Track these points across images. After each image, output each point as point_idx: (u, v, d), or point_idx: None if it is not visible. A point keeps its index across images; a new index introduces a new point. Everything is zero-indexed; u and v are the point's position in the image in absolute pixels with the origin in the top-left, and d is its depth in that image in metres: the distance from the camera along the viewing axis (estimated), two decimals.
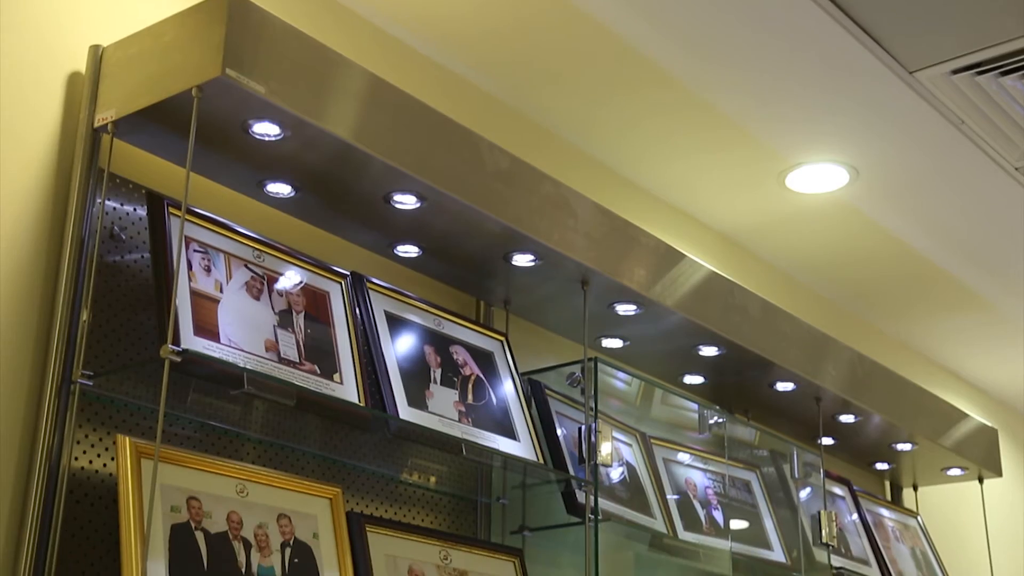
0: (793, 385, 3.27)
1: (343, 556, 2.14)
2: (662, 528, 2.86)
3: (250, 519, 2.03)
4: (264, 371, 2.05)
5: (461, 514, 2.61)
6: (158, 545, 1.86)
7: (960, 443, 3.86)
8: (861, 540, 3.55)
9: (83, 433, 1.97)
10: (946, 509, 4.34)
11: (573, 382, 2.76)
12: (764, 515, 3.23)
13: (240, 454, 2.20)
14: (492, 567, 2.43)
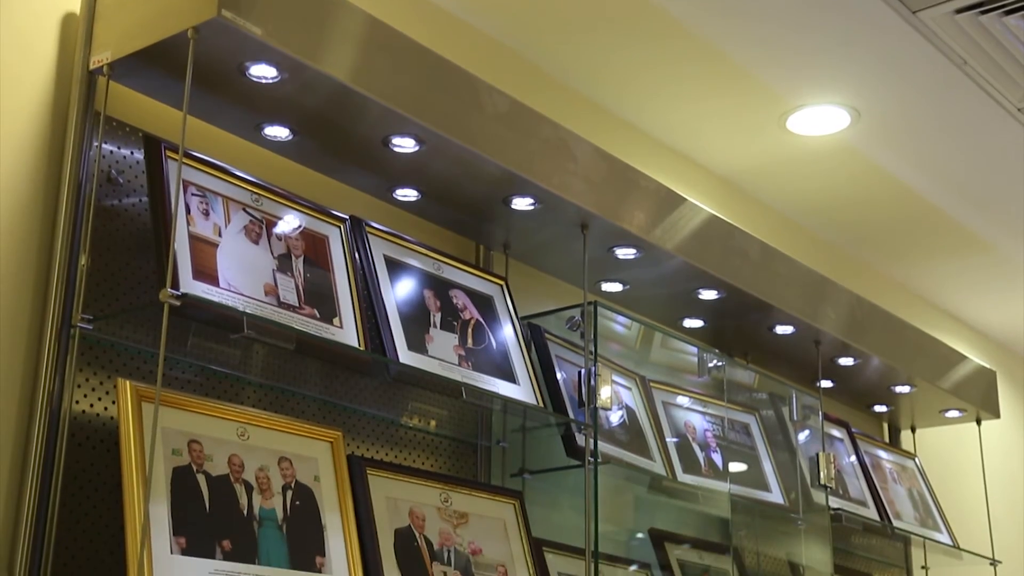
0: (792, 328, 3.28)
1: (344, 499, 2.16)
2: (661, 471, 2.88)
3: (251, 462, 2.04)
4: (264, 315, 2.05)
5: (461, 457, 2.62)
6: (160, 488, 1.87)
7: (958, 385, 3.87)
8: (859, 482, 3.57)
9: (84, 377, 1.98)
10: (944, 451, 4.37)
11: (573, 326, 2.76)
12: (763, 457, 3.25)
13: (241, 398, 2.21)
14: (492, 509, 2.45)
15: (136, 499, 1.80)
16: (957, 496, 4.26)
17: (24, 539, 1.81)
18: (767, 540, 3.27)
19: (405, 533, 2.25)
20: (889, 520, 3.57)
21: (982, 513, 4.01)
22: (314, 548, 2.05)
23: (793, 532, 3.22)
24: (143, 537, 1.75)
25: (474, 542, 2.36)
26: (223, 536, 1.92)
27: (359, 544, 2.13)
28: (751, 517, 3.17)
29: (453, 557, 2.30)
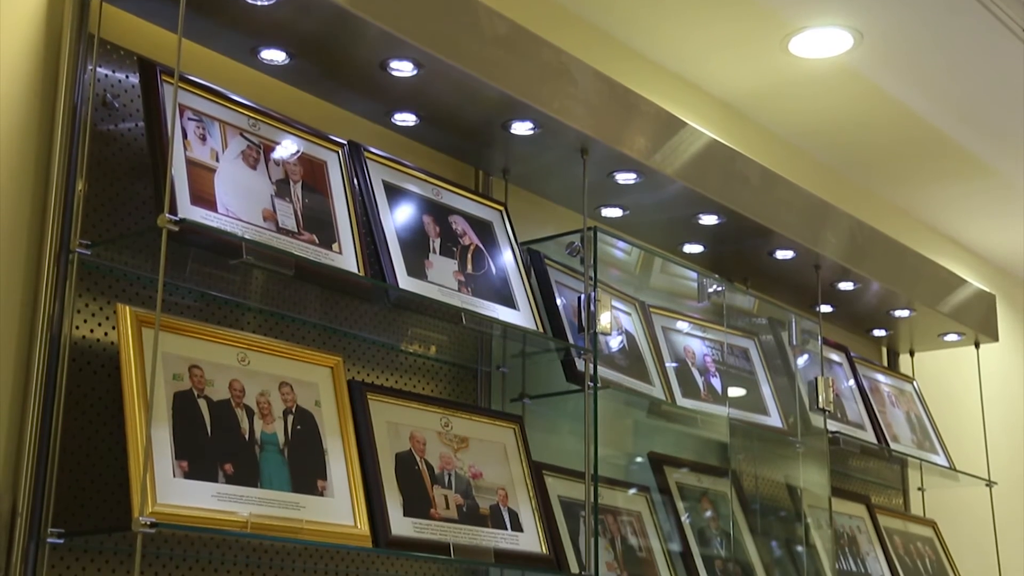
0: (792, 253, 3.27)
1: (345, 423, 2.17)
2: (660, 395, 2.89)
3: (252, 387, 2.05)
4: (262, 241, 2.05)
5: (461, 383, 2.63)
6: (161, 412, 1.88)
7: (958, 309, 3.88)
8: (857, 405, 3.59)
9: (83, 302, 1.98)
10: (942, 375, 4.39)
11: (572, 251, 2.75)
12: (762, 382, 3.26)
13: (240, 323, 2.21)
14: (492, 433, 2.47)
15: (138, 423, 1.80)
16: (954, 419, 4.29)
17: (28, 464, 1.82)
18: (765, 463, 3.29)
19: (406, 457, 2.26)
20: (886, 443, 3.60)
21: (979, 436, 4.04)
22: (315, 472, 2.07)
23: (791, 455, 3.24)
24: (146, 461, 1.76)
25: (474, 466, 2.38)
26: (225, 460, 1.94)
27: (360, 468, 2.14)
28: (749, 441, 3.20)
29: (454, 481, 2.32)
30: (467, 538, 2.26)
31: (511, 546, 2.33)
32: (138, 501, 1.72)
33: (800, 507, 3.23)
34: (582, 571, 2.46)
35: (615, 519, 2.78)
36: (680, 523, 2.94)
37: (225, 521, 1.87)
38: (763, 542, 3.16)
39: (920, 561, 3.67)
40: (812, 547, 3.18)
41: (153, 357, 1.81)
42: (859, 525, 3.51)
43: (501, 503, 2.38)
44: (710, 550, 2.97)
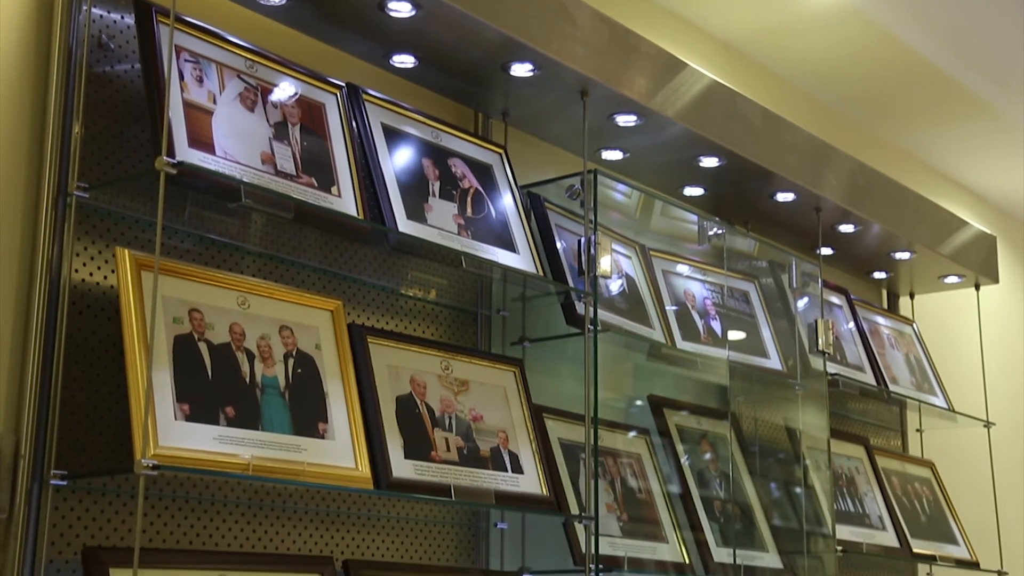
0: (793, 195, 3.26)
1: (345, 366, 2.17)
2: (660, 338, 2.89)
3: (252, 331, 2.05)
4: (261, 184, 2.04)
5: (461, 326, 2.64)
6: (162, 356, 1.88)
7: (958, 251, 3.88)
8: (856, 348, 3.60)
9: (82, 246, 1.97)
10: (941, 317, 4.39)
11: (572, 195, 2.74)
12: (761, 325, 3.26)
13: (240, 267, 2.21)
14: (493, 377, 2.47)
15: (138, 367, 1.81)
16: (953, 361, 4.30)
17: (29, 406, 1.83)
18: (765, 406, 3.31)
19: (406, 400, 2.27)
20: (885, 384, 3.61)
21: (977, 377, 4.05)
22: (316, 415, 2.07)
23: (790, 397, 3.25)
24: (147, 404, 1.76)
25: (475, 409, 2.38)
26: (226, 403, 1.94)
27: (361, 411, 2.15)
28: (749, 383, 3.21)
29: (454, 423, 2.33)
30: (468, 480, 2.27)
31: (511, 488, 2.35)
32: (140, 444, 1.73)
33: (799, 449, 3.24)
34: (582, 512, 2.47)
35: (615, 461, 2.80)
36: (679, 465, 2.96)
37: (227, 464, 1.88)
38: (762, 484, 3.18)
39: (918, 501, 3.70)
40: (811, 488, 3.20)
41: (153, 301, 1.81)
42: (857, 466, 3.53)
43: (501, 445, 2.39)
44: (709, 492, 2.99)
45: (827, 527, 3.14)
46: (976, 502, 3.98)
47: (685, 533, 2.85)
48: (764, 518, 3.11)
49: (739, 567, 2.88)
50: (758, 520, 3.09)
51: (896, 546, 3.43)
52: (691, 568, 2.82)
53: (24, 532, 1.78)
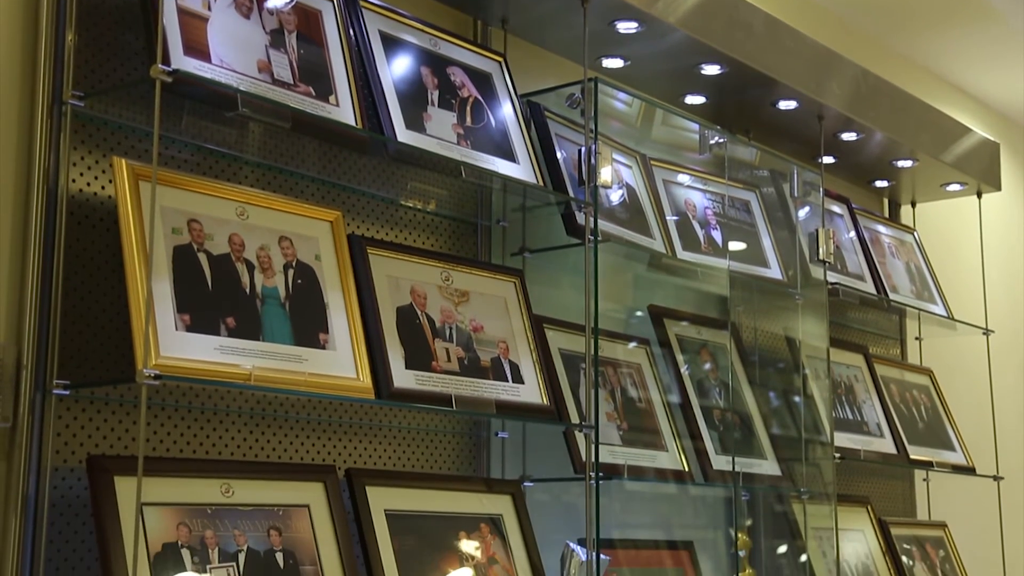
0: (796, 103, 3.23)
1: (346, 277, 2.17)
2: (661, 248, 2.89)
3: (252, 241, 2.04)
4: (258, 92, 2.01)
5: (461, 237, 2.63)
6: (161, 266, 1.88)
7: (961, 158, 3.85)
8: (857, 257, 3.60)
9: (79, 155, 1.96)
10: (942, 225, 4.38)
11: (573, 103, 2.71)
12: (762, 234, 3.26)
13: (238, 177, 2.20)
14: (493, 287, 2.47)
15: (138, 277, 1.80)
16: (953, 269, 4.30)
17: (30, 316, 1.83)
18: (765, 315, 3.31)
19: (407, 311, 2.27)
20: (886, 293, 3.62)
21: (977, 286, 4.06)
22: (317, 325, 2.07)
23: (791, 307, 3.26)
24: (147, 314, 1.76)
25: (475, 319, 2.39)
26: (227, 313, 1.94)
27: (361, 321, 2.15)
28: (749, 293, 3.21)
29: (455, 334, 2.34)
30: (468, 390, 2.28)
31: (512, 398, 2.36)
32: (141, 353, 1.73)
33: (798, 358, 3.26)
34: (582, 421, 2.49)
35: (615, 371, 2.81)
36: (679, 375, 2.98)
37: (228, 373, 1.89)
38: (761, 393, 3.20)
39: (916, 409, 3.73)
40: (809, 397, 3.22)
41: (151, 210, 1.80)
42: (856, 374, 3.55)
43: (502, 356, 2.39)
44: (709, 401, 3.01)
45: (825, 435, 3.16)
46: (974, 409, 4.01)
47: (684, 442, 2.88)
48: (763, 426, 3.13)
49: (738, 474, 2.91)
50: (757, 428, 3.12)
51: (893, 453, 3.47)
52: (690, 475, 2.85)
53: (28, 441, 1.80)
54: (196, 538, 1.89)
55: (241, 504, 1.98)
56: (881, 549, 3.43)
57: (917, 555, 3.57)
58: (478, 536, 2.33)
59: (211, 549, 1.90)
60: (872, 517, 3.49)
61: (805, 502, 3.12)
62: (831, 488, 3.11)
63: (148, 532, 1.84)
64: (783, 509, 3.17)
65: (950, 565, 3.67)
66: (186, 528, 1.89)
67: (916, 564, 3.54)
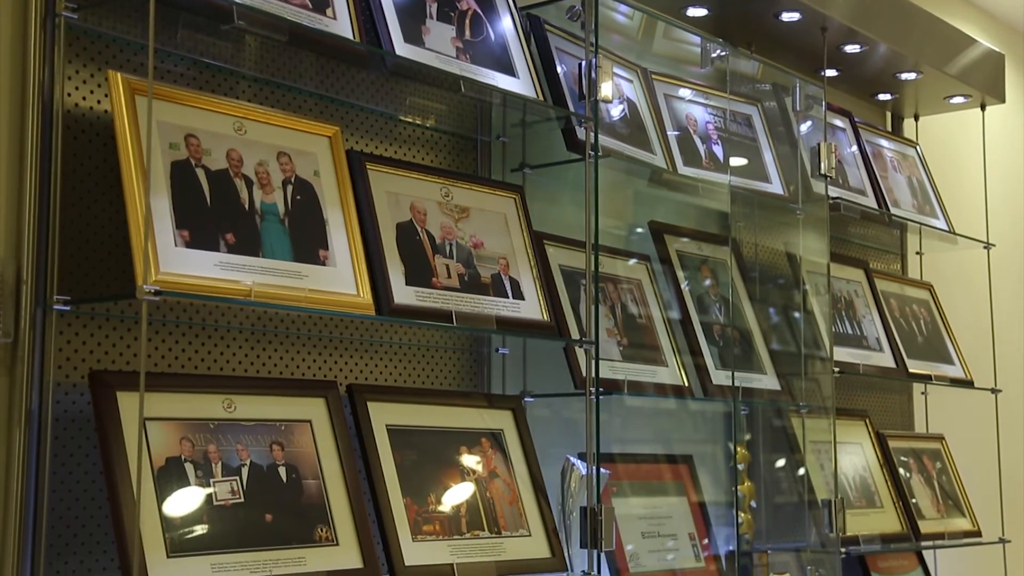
0: (799, 15, 3.19)
1: (345, 193, 2.16)
2: (661, 163, 2.87)
3: (250, 157, 2.03)
4: (253, 4, 1.98)
5: (461, 153, 2.61)
6: (160, 182, 1.87)
7: (965, 70, 3.81)
8: (859, 171, 3.58)
9: (73, 69, 1.94)
10: (945, 139, 4.35)
11: (573, 16, 2.68)
12: (764, 149, 3.24)
13: (235, 92, 2.17)
14: (493, 203, 2.46)
15: (136, 193, 1.79)
16: (956, 183, 4.28)
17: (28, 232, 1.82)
18: (765, 231, 3.31)
19: (407, 227, 2.26)
20: (887, 207, 3.61)
21: (979, 200, 4.04)
22: (317, 242, 2.07)
23: (792, 222, 3.25)
24: (146, 230, 1.76)
25: (475, 235, 2.38)
26: (226, 230, 1.93)
27: (361, 238, 2.14)
28: (750, 208, 3.20)
29: (455, 250, 2.33)
30: (469, 306, 2.29)
31: (512, 314, 2.36)
32: (141, 269, 1.73)
33: (799, 274, 3.26)
34: (582, 337, 2.50)
35: (615, 287, 2.81)
36: (680, 291, 2.98)
37: (228, 290, 1.89)
38: (761, 308, 3.21)
39: (915, 323, 3.74)
40: (809, 313, 3.23)
41: (148, 124, 1.79)
42: (856, 289, 3.55)
43: (502, 272, 2.39)
44: (709, 317, 3.02)
45: (825, 350, 3.18)
46: (973, 323, 4.02)
47: (684, 357, 2.89)
48: (763, 342, 3.15)
49: (737, 389, 2.93)
50: (757, 344, 3.13)
51: (892, 367, 3.49)
52: (690, 391, 2.86)
53: (30, 356, 1.80)
54: (199, 452, 1.91)
55: (243, 419, 2.00)
56: (879, 462, 3.47)
57: (914, 467, 3.61)
58: (479, 451, 2.35)
59: (214, 463, 1.92)
60: (870, 430, 3.52)
61: (804, 416, 3.14)
62: (830, 402, 3.13)
63: (151, 447, 1.85)
64: (782, 423, 3.19)
65: (947, 477, 3.71)
66: (189, 443, 1.90)
67: (913, 476, 3.58)
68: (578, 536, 2.35)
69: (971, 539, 3.63)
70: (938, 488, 3.64)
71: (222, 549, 1.85)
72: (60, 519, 1.87)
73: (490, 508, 2.29)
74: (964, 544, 3.62)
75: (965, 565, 3.99)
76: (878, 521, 3.33)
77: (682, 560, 2.79)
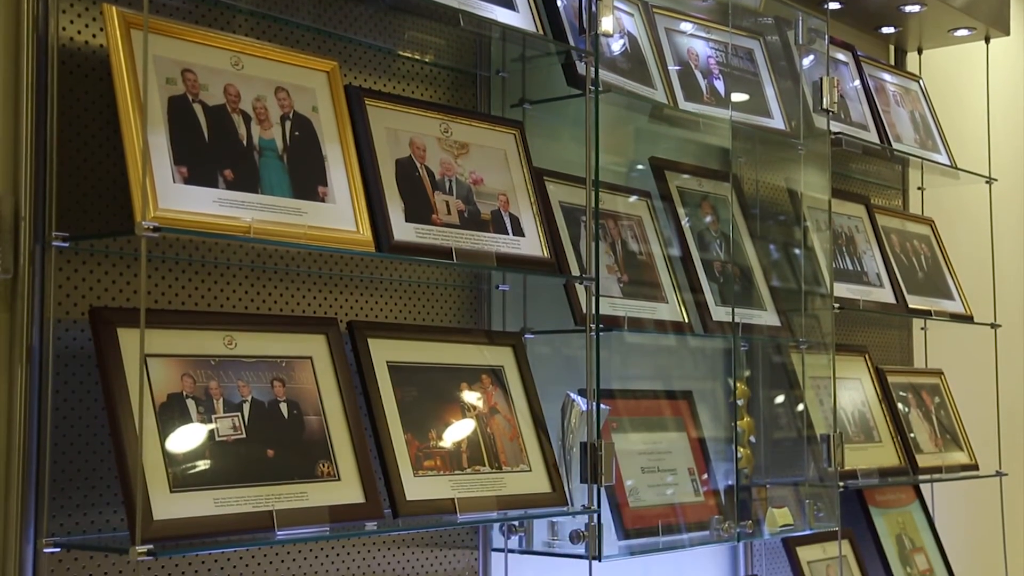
0: None
1: (344, 129, 2.14)
2: (662, 98, 2.85)
3: (247, 92, 2.01)
4: None
5: (460, 88, 2.59)
6: (157, 117, 1.86)
7: (969, 2, 3.77)
8: (861, 105, 3.55)
9: (68, 2, 1.92)
10: (948, 72, 4.32)
11: None
12: (765, 83, 3.21)
13: (231, 27, 2.15)
14: (493, 139, 2.45)
15: (133, 128, 1.78)
16: (958, 117, 4.25)
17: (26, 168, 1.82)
18: (767, 167, 3.29)
19: (406, 163, 2.25)
20: (889, 142, 3.58)
21: (981, 134, 4.02)
22: (316, 178, 2.06)
23: (793, 158, 3.23)
24: (144, 165, 1.75)
25: (475, 172, 2.37)
26: (224, 166, 1.92)
27: (360, 174, 2.13)
28: (751, 144, 3.18)
29: (454, 186, 2.32)
30: (469, 243, 2.28)
31: (513, 250, 2.36)
32: (139, 206, 1.73)
33: (800, 210, 3.25)
34: (583, 274, 2.49)
35: (616, 224, 2.81)
36: (680, 227, 2.97)
37: (227, 226, 1.88)
38: (762, 245, 3.20)
39: (916, 259, 3.73)
40: (810, 249, 3.22)
41: (144, 59, 1.77)
42: (857, 225, 3.55)
43: (502, 208, 2.38)
44: (709, 253, 3.01)
45: (825, 286, 3.18)
46: (974, 258, 4.02)
47: (685, 294, 2.89)
48: (763, 278, 3.14)
49: (737, 325, 2.93)
50: (757, 280, 3.13)
51: (892, 302, 3.49)
52: (690, 327, 2.87)
53: (30, 292, 1.80)
54: (200, 389, 1.91)
55: (244, 356, 2.00)
56: (878, 397, 3.48)
57: (913, 402, 3.62)
58: (479, 387, 2.36)
59: (216, 399, 1.93)
60: (869, 366, 3.53)
61: (803, 352, 3.15)
62: (829, 338, 3.14)
63: (153, 383, 1.86)
64: (781, 359, 3.20)
65: (945, 411, 3.73)
66: (190, 379, 1.91)
67: (911, 411, 3.60)
68: (578, 471, 2.36)
69: (968, 472, 3.65)
70: (936, 423, 3.66)
71: (224, 484, 1.87)
72: (63, 454, 1.89)
73: (491, 444, 2.31)
74: (961, 477, 3.65)
75: (962, 498, 4.03)
76: (876, 456, 3.35)
77: (681, 494, 2.82)
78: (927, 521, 3.65)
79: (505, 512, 2.28)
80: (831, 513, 3.06)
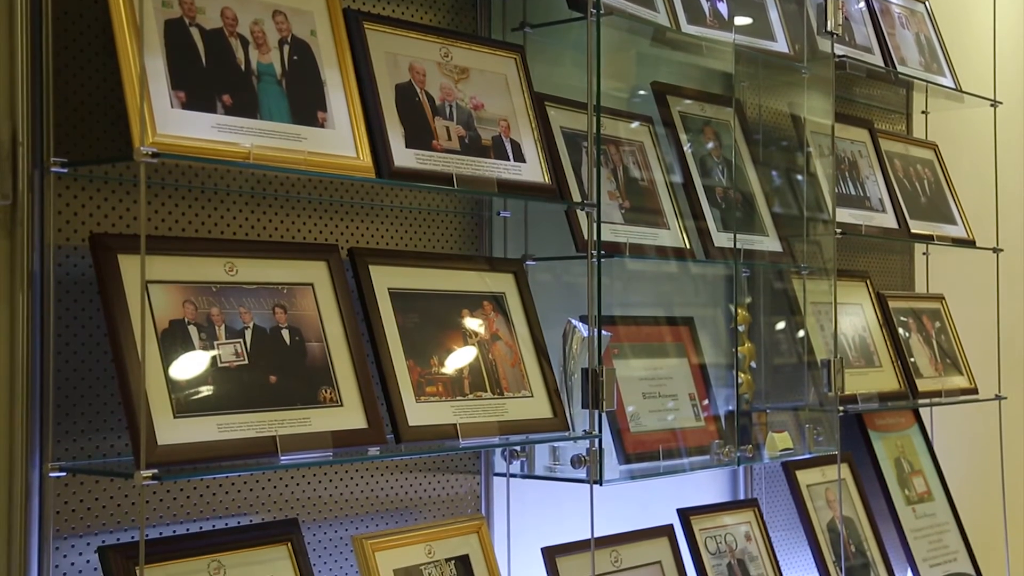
0: None
1: (342, 54, 2.12)
2: (665, 22, 2.81)
3: (244, 15, 1.99)
4: None
5: (460, 11, 2.56)
6: (153, 41, 1.84)
7: None
8: (866, 28, 3.51)
9: None
10: None
11: None
12: (769, 5, 3.17)
13: None
14: (493, 64, 2.42)
15: (130, 52, 1.76)
16: (965, 40, 4.20)
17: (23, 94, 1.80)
18: (769, 91, 3.26)
19: (406, 88, 2.23)
20: (893, 65, 3.55)
21: (988, 57, 3.97)
22: (315, 103, 2.04)
23: (796, 82, 3.20)
24: (141, 90, 1.73)
25: (475, 97, 2.35)
26: (222, 91, 1.91)
27: (360, 99, 2.12)
28: (755, 68, 3.15)
29: (455, 112, 2.30)
30: (470, 169, 2.27)
31: (514, 176, 2.35)
32: (138, 131, 1.71)
33: (803, 135, 3.23)
34: (584, 200, 2.48)
35: (617, 149, 2.79)
36: (682, 153, 2.95)
37: (227, 152, 1.87)
38: (764, 171, 3.19)
39: (919, 183, 3.72)
40: (813, 175, 3.21)
41: None
42: (860, 150, 3.53)
43: (503, 134, 2.37)
44: (711, 179, 3.00)
45: (827, 211, 3.16)
46: (977, 182, 4.00)
47: (686, 220, 2.88)
48: (765, 204, 3.13)
49: (738, 251, 2.93)
50: (759, 206, 3.11)
51: (895, 227, 3.48)
52: (691, 253, 2.86)
53: (29, 218, 1.80)
54: (202, 315, 1.92)
55: (245, 282, 2.00)
56: (878, 322, 3.49)
57: (913, 327, 3.63)
58: (481, 313, 2.36)
59: (218, 326, 1.93)
60: (871, 291, 3.53)
61: (805, 278, 3.15)
62: (831, 264, 3.14)
63: (154, 310, 1.86)
64: (783, 285, 3.20)
65: (945, 336, 3.74)
66: (192, 305, 1.91)
67: (912, 335, 3.60)
68: (579, 397, 2.37)
69: (968, 396, 3.67)
70: (936, 347, 3.67)
71: (227, 410, 1.88)
72: (67, 380, 1.89)
73: (492, 370, 2.31)
74: (961, 401, 3.66)
75: (961, 422, 4.05)
76: (876, 380, 3.36)
77: (682, 420, 2.83)
78: (926, 445, 3.67)
79: (507, 437, 2.30)
80: (830, 437, 3.08)
